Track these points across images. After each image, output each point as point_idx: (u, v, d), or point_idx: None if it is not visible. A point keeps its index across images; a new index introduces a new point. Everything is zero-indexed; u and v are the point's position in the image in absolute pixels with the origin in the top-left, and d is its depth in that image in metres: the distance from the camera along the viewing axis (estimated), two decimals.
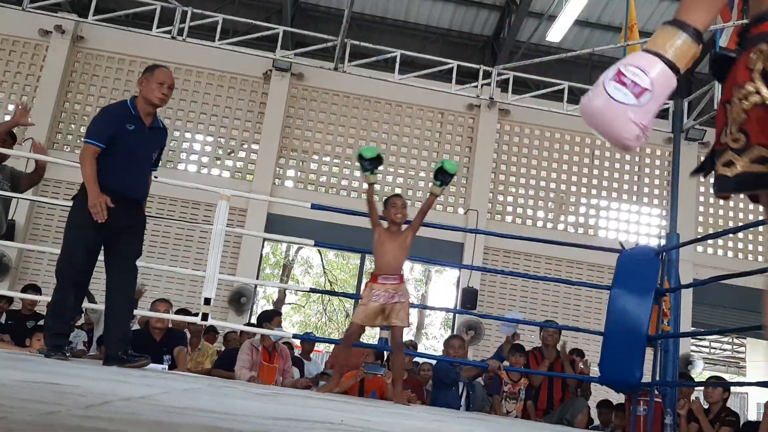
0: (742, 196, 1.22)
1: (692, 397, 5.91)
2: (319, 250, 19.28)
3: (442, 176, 4.39)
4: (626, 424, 5.90)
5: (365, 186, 4.13)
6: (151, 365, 4.93)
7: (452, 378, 5.86)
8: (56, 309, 4.03)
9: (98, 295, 5.32)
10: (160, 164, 4.41)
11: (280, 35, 8.69)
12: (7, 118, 10.49)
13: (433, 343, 19.94)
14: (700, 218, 11.43)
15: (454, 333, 10.52)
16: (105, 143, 3.95)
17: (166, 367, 5.74)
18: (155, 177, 4.44)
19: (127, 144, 4.00)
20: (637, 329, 5.12)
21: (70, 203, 4.17)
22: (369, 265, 18.61)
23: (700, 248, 11.12)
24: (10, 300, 6.97)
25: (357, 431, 1.63)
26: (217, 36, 8.29)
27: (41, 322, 6.61)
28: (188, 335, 6.43)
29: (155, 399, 1.69)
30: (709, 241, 11.33)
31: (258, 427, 1.36)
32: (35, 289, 6.97)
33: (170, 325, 6.09)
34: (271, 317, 6.03)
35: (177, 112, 10.85)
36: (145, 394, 1.79)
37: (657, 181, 11.60)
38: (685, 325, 9.26)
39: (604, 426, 6.53)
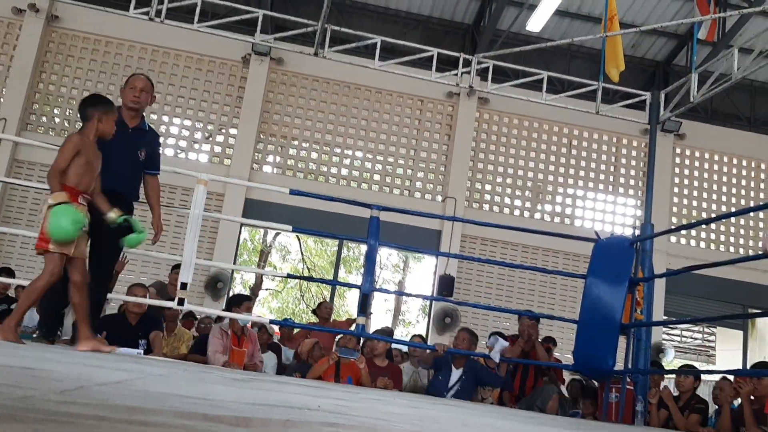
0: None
1: (662, 385, 6.00)
2: (297, 236, 19.23)
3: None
4: (598, 411, 5.98)
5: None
6: (127, 350, 4.91)
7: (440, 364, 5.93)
8: (44, 299, 4.12)
9: None
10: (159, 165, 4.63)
11: (260, 19, 8.60)
12: None
13: (409, 329, 20.02)
14: (674, 209, 11.58)
15: (432, 320, 10.59)
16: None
17: (142, 351, 5.71)
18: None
19: (109, 143, 4.14)
20: (611, 318, 5.19)
21: (44, 186, 4.21)
22: (347, 251, 18.63)
23: (673, 239, 11.28)
24: None
25: (333, 416, 1.64)
26: (196, 18, 8.18)
27: (13, 306, 6.54)
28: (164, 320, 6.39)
29: (131, 384, 1.68)
30: (683, 232, 11.50)
31: (234, 412, 1.36)
32: (8, 272, 6.88)
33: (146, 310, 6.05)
34: (240, 302, 6.01)
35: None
36: (121, 379, 1.78)
37: (633, 172, 11.72)
38: (658, 314, 9.40)
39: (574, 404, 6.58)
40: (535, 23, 10.07)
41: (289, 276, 14.01)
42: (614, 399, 5.68)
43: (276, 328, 7.51)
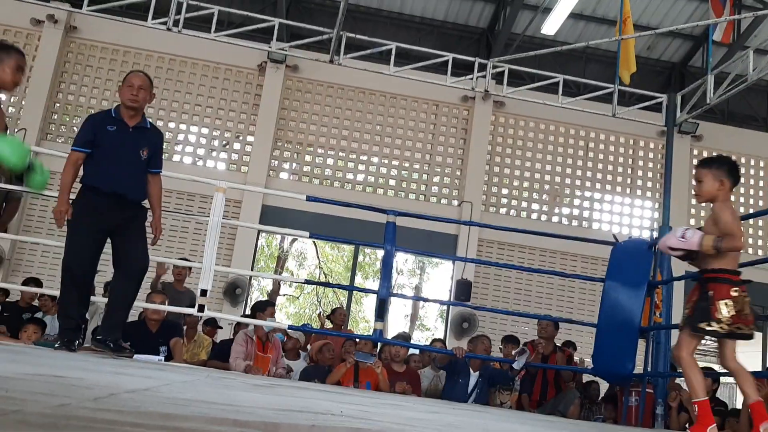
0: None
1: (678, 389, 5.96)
2: (314, 242, 19.29)
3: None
4: (617, 415, 5.96)
5: None
6: (148, 356, 4.96)
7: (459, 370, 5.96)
8: (61, 309, 4.30)
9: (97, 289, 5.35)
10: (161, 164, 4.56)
11: (276, 27, 8.67)
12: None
13: (427, 334, 20.00)
14: (693, 211, 11.50)
15: (449, 325, 10.59)
16: (87, 148, 4.18)
17: (162, 358, 5.76)
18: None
19: (110, 144, 4.19)
20: (630, 321, 5.17)
21: (70, 197, 4.32)
22: (363, 257, 18.64)
23: None
24: (6, 292, 6.97)
25: (357, 422, 1.66)
26: (213, 27, 8.26)
27: (38, 315, 6.64)
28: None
29: (158, 391, 1.71)
30: None
31: (261, 418, 1.39)
32: (37, 282, 6.98)
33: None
34: (264, 308, 6.06)
35: (172, 103, 10.84)
36: (148, 387, 1.82)
37: (650, 174, 11.66)
38: (677, 317, 9.30)
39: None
40: (550, 26, 10.06)
41: (307, 282, 14.07)
42: (634, 403, 5.65)
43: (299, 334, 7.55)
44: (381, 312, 5.47)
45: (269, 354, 5.90)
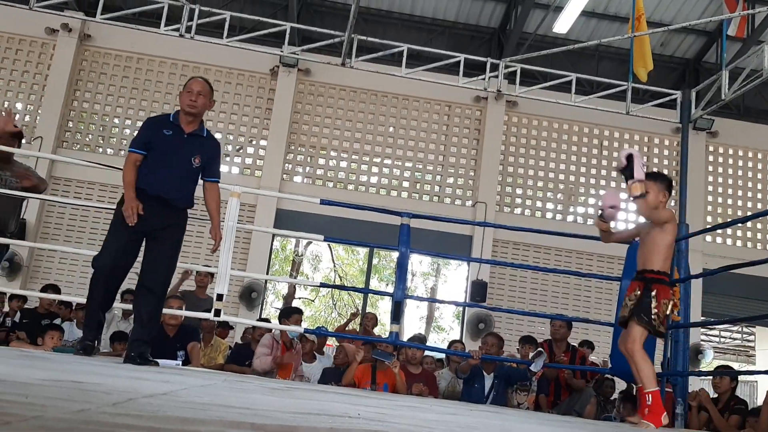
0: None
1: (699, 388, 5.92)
2: (328, 245, 19.32)
3: None
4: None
5: None
6: (166, 361, 4.99)
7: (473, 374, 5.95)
8: (87, 318, 4.29)
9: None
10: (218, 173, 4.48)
11: (287, 31, 8.70)
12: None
13: (443, 335, 19.97)
14: (709, 208, 11.41)
15: (465, 326, 10.56)
16: (143, 149, 4.15)
17: (180, 362, 5.79)
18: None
19: (165, 149, 4.18)
20: None
21: (81, 202, 4.34)
22: (377, 259, 18.65)
23: (709, 238, 11.10)
24: (24, 299, 7.04)
25: (375, 424, 1.66)
26: (225, 33, 8.30)
27: (56, 321, 6.69)
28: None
29: (176, 395, 1.72)
30: (719, 231, 11.31)
31: (279, 421, 1.39)
32: (55, 289, 7.04)
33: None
34: (290, 314, 6.08)
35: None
36: (166, 391, 1.82)
37: (666, 171, 11.57)
38: (695, 315, 9.25)
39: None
40: (562, 25, 10.02)
41: (322, 285, 14.08)
42: None
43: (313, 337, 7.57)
44: (397, 314, 5.46)
45: (293, 360, 5.94)
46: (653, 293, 3.67)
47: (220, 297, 5.16)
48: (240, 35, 8.77)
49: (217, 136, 10.93)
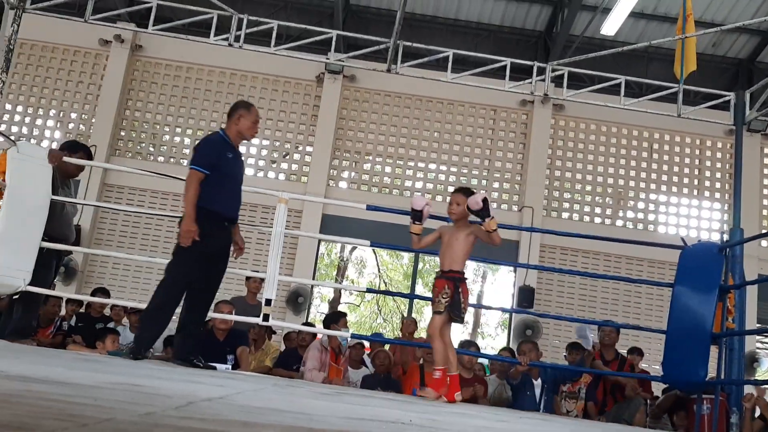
0: None
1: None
2: (373, 250, 19.38)
3: None
4: (689, 424, 5.79)
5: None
6: (216, 365, 5.08)
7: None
8: (154, 327, 4.44)
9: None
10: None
11: (333, 39, 8.77)
12: (71, 126, 10.96)
13: (489, 342, 19.81)
14: (765, 212, 11.09)
15: (512, 333, 10.47)
16: (209, 170, 4.30)
17: (230, 366, 5.88)
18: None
19: (228, 170, 4.40)
20: (701, 327, 5.02)
21: (134, 209, 4.54)
22: (422, 264, 18.61)
23: (764, 243, 10.79)
24: (80, 303, 7.23)
25: (427, 430, 1.67)
26: (272, 42, 8.42)
27: (111, 325, 6.86)
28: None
29: (232, 399, 1.75)
30: None
31: (334, 426, 1.41)
32: (104, 292, 7.22)
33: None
34: (338, 318, 6.13)
35: None
36: (222, 395, 1.86)
37: (719, 175, 11.31)
38: (751, 323, 9.01)
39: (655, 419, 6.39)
40: (610, 27, 9.89)
41: (369, 290, 14.11)
42: (706, 411, 5.49)
43: (367, 343, 7.61)
44: None
45: (342, 365, 5.98)
46: (460, 290, 4.28)
47: (268, 302, 5.23)
48: (287, 43, 8.87)
49: (264, 142, 11.14)
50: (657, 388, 6.88)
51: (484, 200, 4.35)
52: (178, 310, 4.46)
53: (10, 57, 5.55)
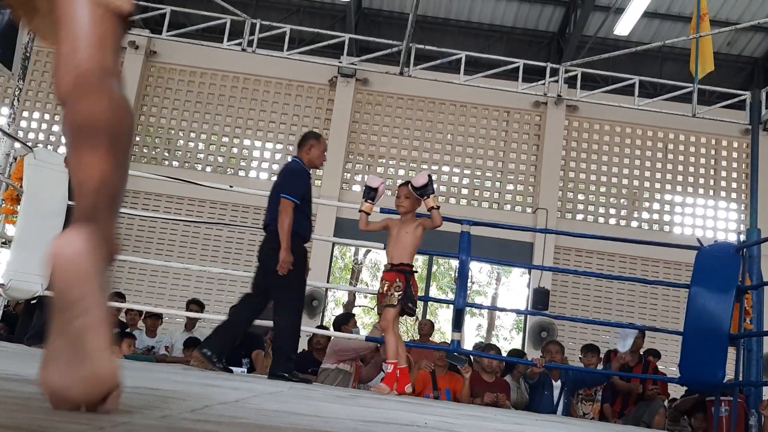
0: None
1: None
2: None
3: None
4: (708, 426, 5.74)
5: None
6: (232, 368, 5.10)
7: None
8: (228, 341, 4.68)
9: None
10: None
11: (346, 42, 8.80)
12: None
13: (503, 344, 19.74)
14: None
15: (527, 335, 10.44)
16: (300, 200, 4.58)
17: (245, 370, 5.91)
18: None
19: (309, 197, 4.76)
20: (719, 328, 4.98)
21: (153, 214, 4.62)
22: (435, 267, 18.60)
23: None
24: None
25: None
26: (285, 46, 8.46)
27: (127, 330, 6.90)
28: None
29: (248, 402, 1.76)
30: None
31: (349, 429, 1.41)
32: (119, 296, 7.26)
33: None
34: (347, 320, 6.14)
35: (247, 121, 11.13)
36: (238, 398, 1.87)
37: (735, 175, 11.21)
38: None
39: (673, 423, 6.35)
40: (624, 27, 9.84)
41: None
42: (725, 413, 5.44)
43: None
44: (458, 322, 5.45)
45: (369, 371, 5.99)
46: (411, 283, 4.36)
47: None
48: (299, 47, 8.92)
49: (278, 146, 11.19)
50: (673, 390, 6.83)
51: (429, 176, 4.38)
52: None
53: (26, 64, 5.62)
